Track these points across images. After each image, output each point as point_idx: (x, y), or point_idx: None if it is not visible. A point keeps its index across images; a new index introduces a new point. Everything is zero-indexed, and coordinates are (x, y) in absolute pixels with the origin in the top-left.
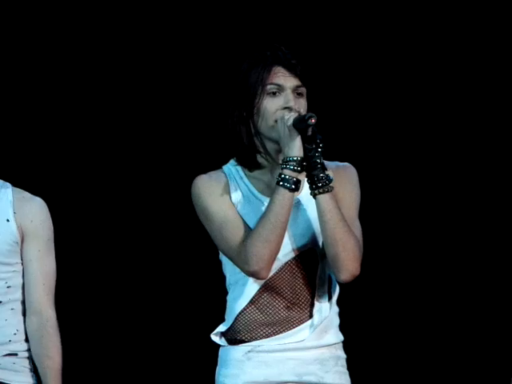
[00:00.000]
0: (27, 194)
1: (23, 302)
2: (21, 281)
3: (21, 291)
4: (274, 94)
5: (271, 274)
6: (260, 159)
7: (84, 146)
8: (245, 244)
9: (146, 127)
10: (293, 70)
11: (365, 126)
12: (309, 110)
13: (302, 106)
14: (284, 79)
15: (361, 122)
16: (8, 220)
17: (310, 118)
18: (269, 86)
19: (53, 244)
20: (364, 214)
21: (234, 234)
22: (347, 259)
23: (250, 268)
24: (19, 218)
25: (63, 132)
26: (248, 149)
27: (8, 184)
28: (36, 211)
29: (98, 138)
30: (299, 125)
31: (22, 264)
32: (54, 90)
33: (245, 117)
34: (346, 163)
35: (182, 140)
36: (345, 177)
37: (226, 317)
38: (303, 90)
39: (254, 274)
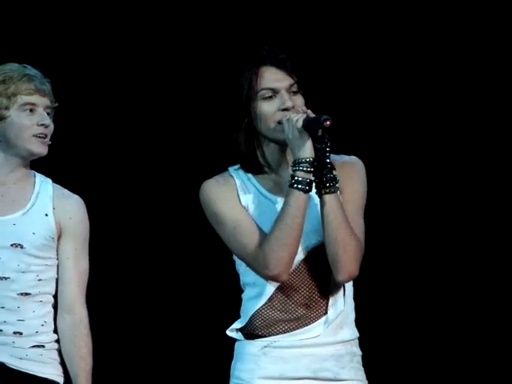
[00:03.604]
0: (66, 191)
1: (54, 296)
2: (52, 275)
3: (51, 285)
4: (270, 97)
5: None
6: (264, 162)
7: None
8: (263, 249)
9: (151, 131)
10: (282, 68)
11: (368, 122)
12: (306, 104)
13: (298, 103)
14: (276, 81)
15: (365, 119)
16: (47, 215)
17: (326, 120)
18: (262, 92)
19: (88, 243)
20: (374, 210)
21: (249, 237)
22: (347, 260)
23: (270, 272)
24: (58, 214)
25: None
26: (249, 155)
27: (49, 180)
28: (75, 209)
29: (103, 141)
30: (311, 126)
31: (57, 259)
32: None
33: (243, 123)
34: (353, 157)
35: (188, 143)
36: (352, 172)
37: (241, 314)
38: (297, 86)
39: (275, 278)
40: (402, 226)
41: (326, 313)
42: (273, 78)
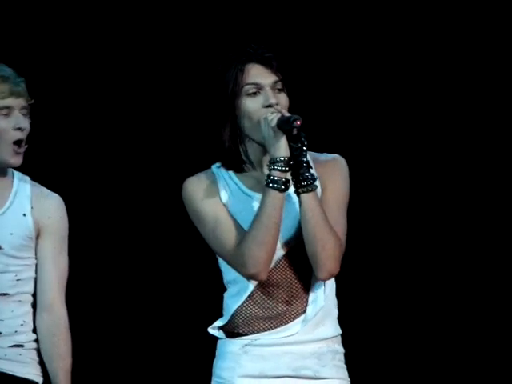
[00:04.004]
0: (45, 190)
1: (32, 295)
2: (31, 275)
3: (30, 284)
4: (254, 93)
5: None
6: (246, 159)
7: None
8: (240, 248)
9: (136, 128)
10: (268, 65)
11: (354, 120)
12: (291, 102)
13: (282, 101)
14: (260, 77)
15: (351, 116)
16: (25, 215)
17: (295, 120)
18: (246, 87)
19: (67, 242)
20: (358, 207)
21: (228, 236)
22: (326, 258)
23: (248, 271)
24: (37, 214)
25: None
26: (232, 152)
27: (27, 178)
28: (54, 208)
29: (85, 139)
30: (284, 126)
31: (36, 259)
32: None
33: (227, 120)
34: (335, 155)
35: (173, 140)
36: (334, 169)
37: (223, 312)
38: (282, 84)
39: (253, 277)
40: (386, 223)
41: (306, 309)
42: (257, 73)
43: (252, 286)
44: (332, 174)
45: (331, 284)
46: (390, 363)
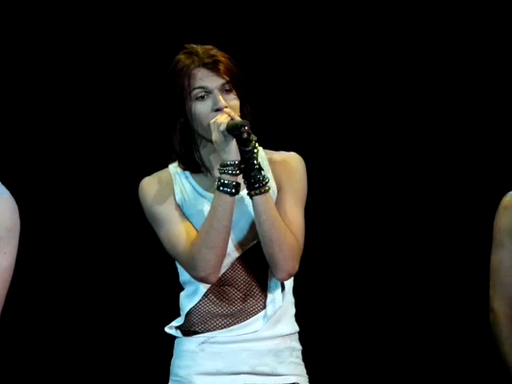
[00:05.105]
0: None
1: None
2: None
3: None
4: (203, 97)
5: (224, 269)
6: (200, 161)
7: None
8: (191, 250)
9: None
10: (214, 69)
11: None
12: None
13: (232, 102)
14: (207, 80)
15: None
16: None
17: (243, 126)
18: (195, 92)
19: (12, 242)
20: (316, 204)
21: (179, 238)
22: (283, 259)
23: (197, 274)
24: None
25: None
26: (184, 155)
27: None
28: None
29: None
30: (233, 131)
31: None
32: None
33: (177, 124)
34: (292, 152)
35: (131, 138)
36: (290, 167)
37: (180, 312)
38: (230, 85)
39: (203, 280)
40: (343, 220)
41: (265, 307)
42: (204, 77)
43: (207, 286)
44: (288, 171)
45: (289, 283)
46: (347, 360)
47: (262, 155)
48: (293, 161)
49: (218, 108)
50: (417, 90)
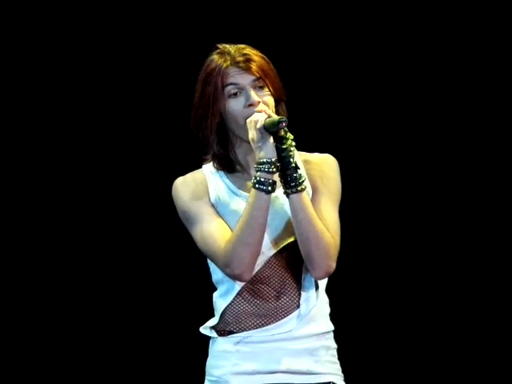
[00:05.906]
0: None
1: None
2: None
3: None
4: (235, 94)
5: (258, 268)
6: (236, 160)
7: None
8: (225, 248)
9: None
10: (246, 66)
11: (350, 119)
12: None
13: (265, 98)
14: (239, 77)
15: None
16: None
17: (281, 122)
18: (227, 89)
19: None
20: (351, 204)
21: (214, 236)
22: (320, 258)
23: (231, 272)
24: None
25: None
26: (221, 155)
27: None
28: None
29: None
30: (270, 128)
31: None
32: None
33: (213, 125)
34: (326, 154)
35: (165, 138)
36: (324, 169)
37: (215, 312)
38: (263, 81)
39: (236, 277)
40: (379, 221)
41: (298, 307)
42: (236, 75)
43: (240, 284)
44: (322, 173)
45: (323, 282)
46: (382, 359)
47: (297, 157)
48: (327, 162)
49: (250, 103)
50: (421, 91)
